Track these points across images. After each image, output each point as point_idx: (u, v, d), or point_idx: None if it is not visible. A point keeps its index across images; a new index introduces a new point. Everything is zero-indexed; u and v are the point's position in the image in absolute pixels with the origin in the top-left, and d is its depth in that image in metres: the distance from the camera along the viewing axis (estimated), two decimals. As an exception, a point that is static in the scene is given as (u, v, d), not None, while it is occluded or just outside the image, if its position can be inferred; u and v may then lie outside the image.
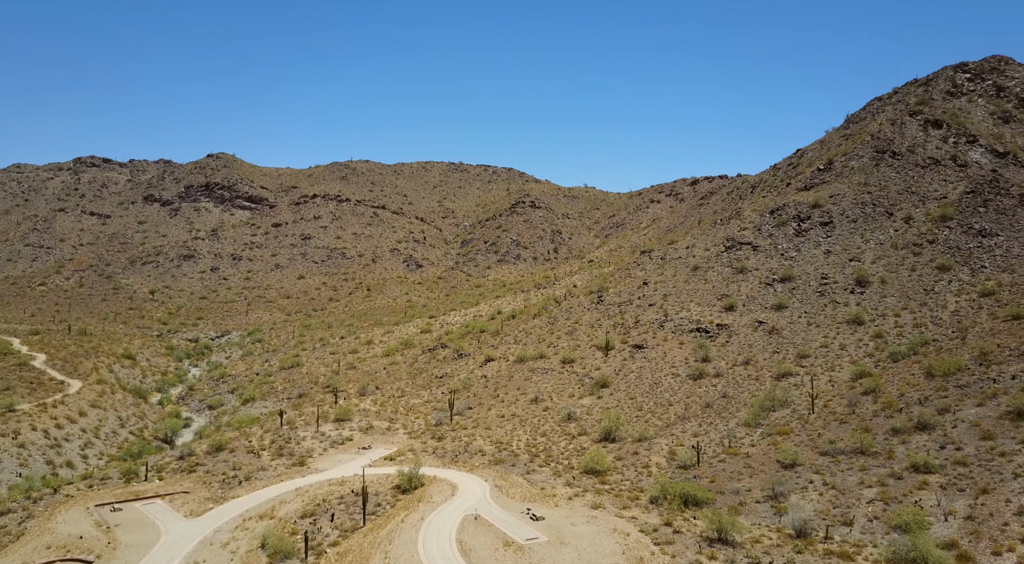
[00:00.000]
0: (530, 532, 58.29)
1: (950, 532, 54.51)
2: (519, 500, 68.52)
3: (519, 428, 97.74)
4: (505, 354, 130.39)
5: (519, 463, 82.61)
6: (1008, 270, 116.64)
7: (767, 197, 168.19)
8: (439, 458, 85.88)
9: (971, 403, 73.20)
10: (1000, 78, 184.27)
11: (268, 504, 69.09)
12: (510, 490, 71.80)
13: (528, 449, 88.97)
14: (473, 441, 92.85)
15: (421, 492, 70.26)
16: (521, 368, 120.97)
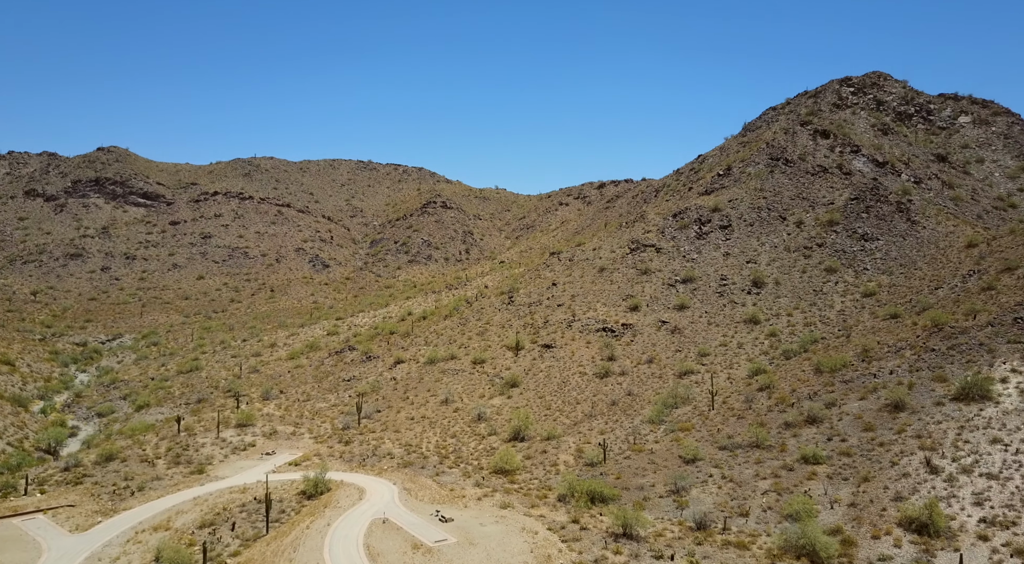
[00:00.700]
0: (439, 534, 58.06)
1: (835, 519, 57.97)
2: (428, 502, 68.14)
3: (429, 430, 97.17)
4: (415, 356, 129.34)
5: (428, 465, 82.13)
6: (887, 272, 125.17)
7: (670, 201, 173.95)
8: (346, 462, 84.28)
9: (855, 397, 78.05)
10: (879, 93, 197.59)
11: (163, 515, 65.92)
12: (419, 492, 71.29)
13: (438, 451, 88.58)
14: (382, 444, 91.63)
15: (327, 497, 68.75)
16: (431, 369, 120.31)
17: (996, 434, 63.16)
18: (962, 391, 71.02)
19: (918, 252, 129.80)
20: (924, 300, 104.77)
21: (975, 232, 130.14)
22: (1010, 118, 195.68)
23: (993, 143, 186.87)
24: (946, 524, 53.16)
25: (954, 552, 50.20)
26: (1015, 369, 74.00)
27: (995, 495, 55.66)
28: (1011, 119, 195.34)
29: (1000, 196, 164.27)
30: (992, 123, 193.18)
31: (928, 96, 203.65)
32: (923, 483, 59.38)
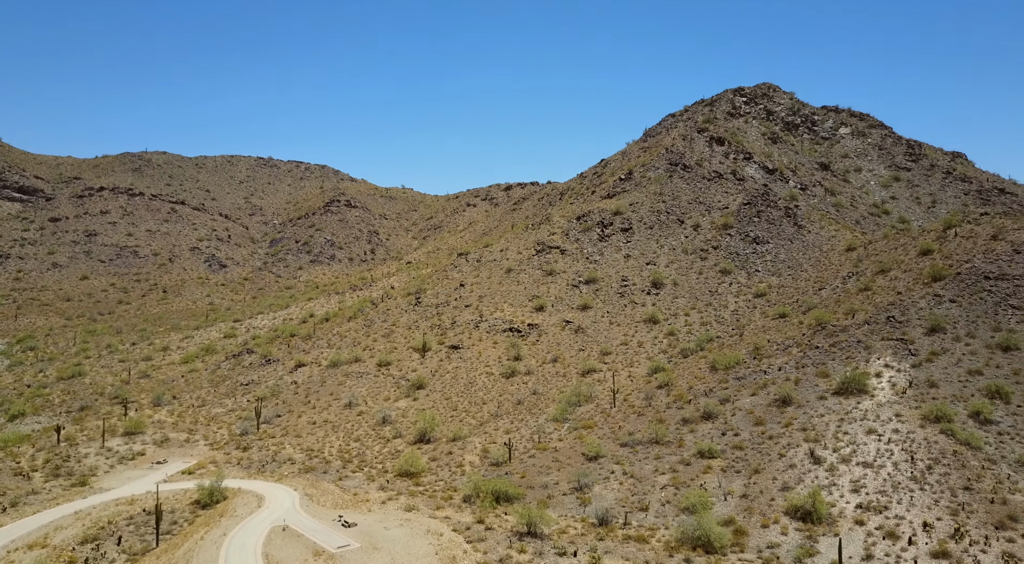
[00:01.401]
0: (342, 539, 56.88)
1: (729, 510, 60.66)
2: (331, 508, 66.64)
3: (332, 434, 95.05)
4: (317, 359, 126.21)
5: (331, 470, 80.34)
6: (776, 274, 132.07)
7: (574, 204, 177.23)
8: (244, 469, 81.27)
9: (747, 393, 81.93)
10: (770, 103, 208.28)
11: (40, 532, 61.52)
12: (321, 498, 69.62)
13: (341, 455, 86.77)
14: (282, 450, 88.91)
15: (223, 506, 66.07)
16: (335, 372, 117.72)
17: (871, 425, 67.76)
18: (842, 386, 75.90)
19: (804, 255, 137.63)
20: (809, 300, 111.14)
21: (854, 236, 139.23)
22: (883, 131, 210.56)
23: (869, 154, 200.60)
24: (827, 511, 56.58)
25: (834, 537, 53.49)
26: (888, 364, 79.67)
27: (870, 482, 59.71)
28: (884, 132, 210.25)
29: (875, 203, 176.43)
30: (868, 135, 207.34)
31: (813, 108, 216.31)
32: (807, 473, 62.99)
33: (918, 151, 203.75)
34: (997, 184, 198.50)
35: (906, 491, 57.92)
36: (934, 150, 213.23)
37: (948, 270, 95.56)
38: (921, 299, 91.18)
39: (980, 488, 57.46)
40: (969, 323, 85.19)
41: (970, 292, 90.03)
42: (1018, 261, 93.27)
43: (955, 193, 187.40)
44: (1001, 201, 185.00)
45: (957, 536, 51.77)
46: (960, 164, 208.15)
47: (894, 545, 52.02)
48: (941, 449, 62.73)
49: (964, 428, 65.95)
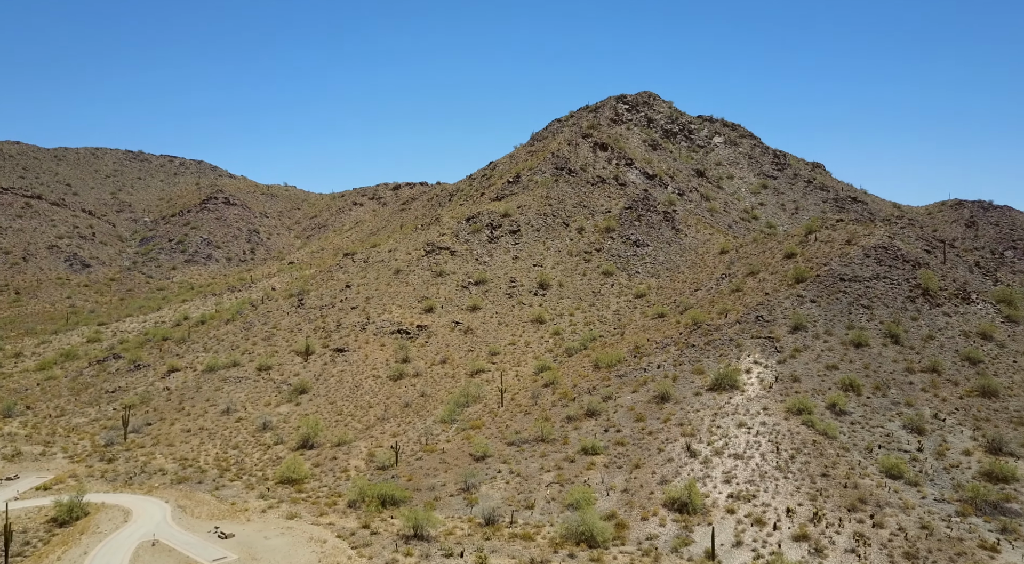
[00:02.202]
0: (218, 552, 54.32)
1: (611, 505, 62.63)
2: (206, 519, 63.48)
3: (207, 442, 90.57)
4: (192, 363, 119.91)
5: (207, 479, 76.54)
6: (655, 275, 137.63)
7: (464, 205, 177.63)
8: (109, 482, 76.01)
9: (628, 390, 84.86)
10: (650, 111, 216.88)
11: None
12: (196, 509, 66.19)
13: (218, 464, 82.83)
14: (152, 460, 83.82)
15: (85, 522, 61.53)
16: (211, 378, 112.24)
17: (742, 419, 71.86)
18: (716, 382, 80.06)
19: (681, 257, 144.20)
20: (686, 301, 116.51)
21: (726, 240, 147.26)
22: (753, 141, 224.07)
23: (740, 162, 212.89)
24: (702, 502, 59.52)
25: (708, 526, 56.35)
26: (756, 361, 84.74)
27: (740, 473, 63.31)
28: (754, 141, 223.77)
29: (746, 209, 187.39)
30: (739, 144, 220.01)
31: (690, 117, 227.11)
32: (684, 466, 66.00)
33: (783, 161, 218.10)
34: (851, 193, 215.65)
35: (772, 480, 61.79)
36: (797, 160, 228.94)
37: (809, 272, 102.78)
38: (786, 299, 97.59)
39: (835, 474, 62.18)
40: (827, 321, 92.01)
41: (828, 293, 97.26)
42: (868, 264, 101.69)
43: (815, 201, 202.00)
44: (854, 209, 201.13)
45: (815, 520, 55.79)
46: (819, 174, 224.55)
47: (761, 531, 55.39)
48: (803, 439, 67.38)
49: (822, 419, 71.16)
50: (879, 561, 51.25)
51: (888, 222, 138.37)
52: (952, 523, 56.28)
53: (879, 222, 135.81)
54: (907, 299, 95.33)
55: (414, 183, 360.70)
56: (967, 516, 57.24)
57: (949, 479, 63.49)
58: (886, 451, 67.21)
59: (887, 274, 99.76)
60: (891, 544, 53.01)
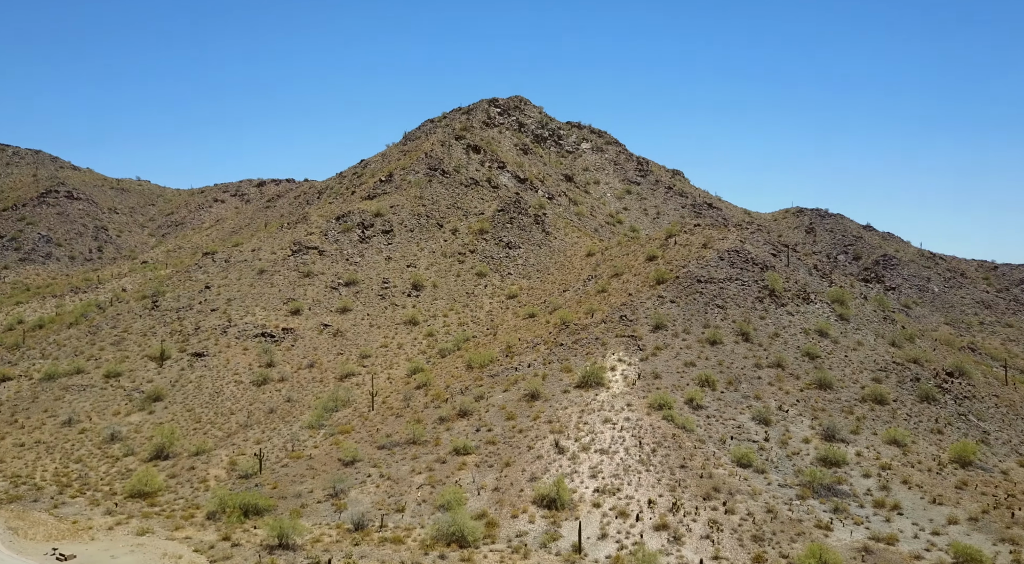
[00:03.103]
0: (57, 577, 49.92)
1: (481, 504, 63.15)
2: (43, 540, 58.18)
3: (45, 456, 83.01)
4: (28, 371, 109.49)
5: (44, 497, 70.15)
6: (527, 277, 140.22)
7: (334, 204, 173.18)
8: (-75, 507, 67.94)
9: (499, 389, 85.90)
10: (521, 116, 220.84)
11: None
12: (30, 530, 60.49)
13: (57, 479, 76.08)
14: (-21, 480, 75.73)
15: None
16: (51, 386, 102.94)
17: (607, 415, 74.58)
18: (583, 380, 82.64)
19: (551, 259, 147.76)
20: (555, 301, 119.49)
21: (593, 243, 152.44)
22: (618, 148, 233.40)
23: (606, 168, 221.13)
24: (570, 497, 61.24)
25: (575, 521, 58.07)
26: (621, 359, 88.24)
27: (605, 467, 65.70)
28: (619, 148, 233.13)
29: (611, 213, 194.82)
30: (605, 151, 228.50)
31: (559, 122, 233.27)
32: (553, 463, 67.63)
33: (646, 167, 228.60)
34: (707, 200, 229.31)
35: (635, 473, 64.56)
36: (659, 167, 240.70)
37: (669, 274, 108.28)
38: (648, 300, 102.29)
39: (692, 465, 65.88)
40: (685, 321, 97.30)
41: (686, 293, 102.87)
42: (722, 266, 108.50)
43: (675, 206, 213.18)
44: (710, 214, 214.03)
45: (674, 509, 58.87)
46: (679, 181, 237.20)
47: (625, 523, 57.74)
48: (663, 433, 70.87)
49: (681, 413, 75.17)
50: (730, 545, 54.78)
51: (740, 227, 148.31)
52: (793, 506, 61.11)
53: (732, 227, 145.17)
54: (756, 299, 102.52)
55: (280, 180, 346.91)
56: (806, 499, 62.35)
57: (791, 466, 68.88)
58: (737, 442, 71.98)
59: (739, 276, 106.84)
60: (741, 528, 56.81)
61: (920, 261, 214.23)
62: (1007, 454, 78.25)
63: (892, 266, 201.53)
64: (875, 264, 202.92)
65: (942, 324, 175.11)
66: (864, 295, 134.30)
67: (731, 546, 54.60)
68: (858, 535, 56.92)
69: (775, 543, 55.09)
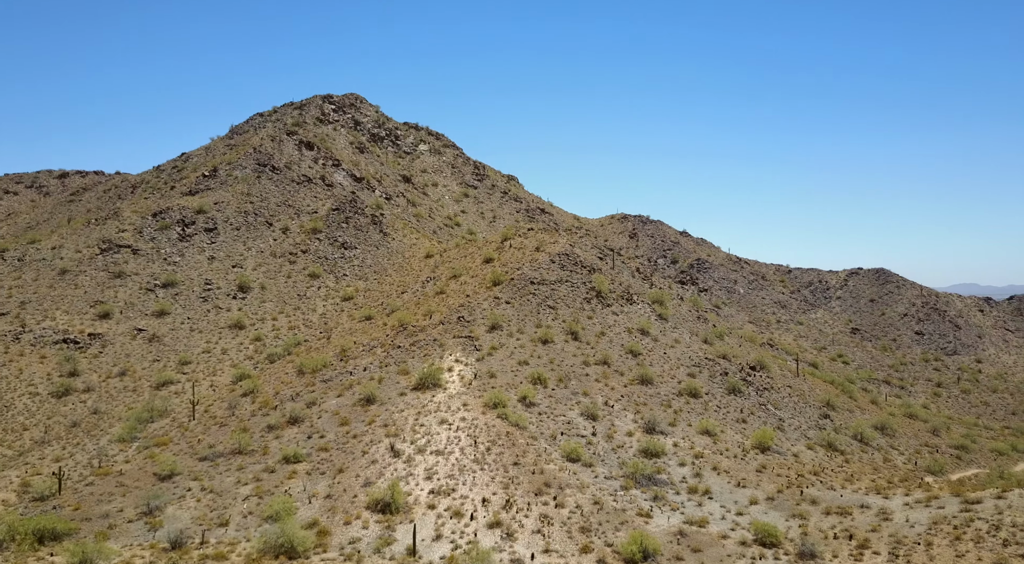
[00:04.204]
0: None
1: (313, 513, 61.08)
2: None
3: None
4: None
5: None
6: (363, 278, 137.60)
7: (150, 199, 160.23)
8: None
9: (333, 394, 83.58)
10: (357, 114, 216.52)
11: None
12: None
13: None
14: None
15: None
16: None
17: (443, 416, 74.90)
18: (420, 381, 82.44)
19: (388, 260, 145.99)
20: (393, 303, 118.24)
21: (432, 245, 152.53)
22: (455, 151, 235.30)
23: (444, 170, 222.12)
24: (404, 500, 60.81)
25: (410, 524, 57.76)
26: (458, 359, 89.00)
27: (441, 468, 65.95)
28: (456, 152, 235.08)
29: (449, 215, 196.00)
30: (443, 153, 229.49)
31: (396, 122, 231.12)
32: (388, 467, 66.84)
33: (482, 172, 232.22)
34: (540, 205, 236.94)
35: (470, 472, 65.33)
36: (495, 172, 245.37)
37: (505, 276, 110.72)
38: (485, 301, 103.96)
39: (525, 462, 67.77)
40: (519, 321, 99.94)
41: (520, 295, 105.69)
42: (553, 269, 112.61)
43: (510, 210, 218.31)
44: (543, 219, 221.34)
45: (508, 506, 60.25)
46: (514, 186, 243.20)
47: (459, 522, 58.26)
48: (498, 431, 72.30)
49: (515, 411, 77.08)
50: (560, 537, 56.95)
51: (570, 232, 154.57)
52: (618, 497, 64.63)
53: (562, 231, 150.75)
54: (584, 300, 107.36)
55: (87, 171, 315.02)
56: (629, 489, 66.18)
57: (616, 458, 72.82)
58: (567, 437, 74.98)
59: (569, 278, 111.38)
60: (570, 521, 59.22)
61: (728, 265, 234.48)
62: (798, 439, 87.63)
63: (705, 269, 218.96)
64: (690, 267, 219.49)
65: (746, 322, 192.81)
66: (680, 296, 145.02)
67: (561, 539, 56.76)
68: (675, 520, 61.26)
69: (601, 533, 57.96)
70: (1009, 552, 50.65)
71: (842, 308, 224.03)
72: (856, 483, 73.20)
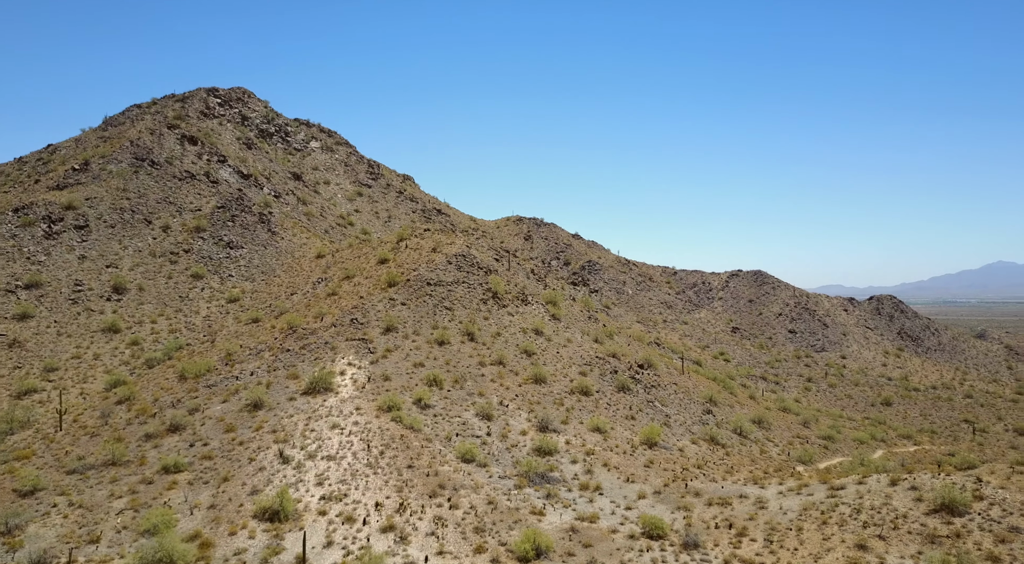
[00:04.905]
0: None
1: (195, 524, 58.22)
2: None
3: None
4: None
5: None
6: (250, 279, 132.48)
7: (11, 193, 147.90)
8: None
9: (218, 400, 80.00)
10: (244, 109, 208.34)
11: None
12: None
13: None
14: None
15: None
16: None
17: (335, 420, 73.26)
18: (311, 386, 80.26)
19: (277, 261, 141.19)
20: (282, 305, 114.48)
21: (323, 244, 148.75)
22: (348, 149, 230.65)
23: (336, 168, 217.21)
24: (294, 508, 59.04)
25: (299, 531, 56.12)
26: (351, 362, 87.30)
27: (332, 473, 64.47)
28: (349, 149, 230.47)
29: (342, 214, 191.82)
30: (336, 151, 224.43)
31: (287, 118, 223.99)
32: (276, 474, 64.66)
33: (377, 171, 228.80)
34: (436, 205, 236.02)
35: (363, 477, 64.22)
36: (390, 171, 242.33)
37: (400, 277, 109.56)
38: (379, 302, 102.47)
39: (419, 465, 67.32)
40: (415, 322, 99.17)
41: (417, 296, 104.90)
42: (450, 270, 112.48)
43: (406, 210, 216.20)
44: (439, 220, 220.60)
45: (401, 510, 59.66)
46: (409, 186, 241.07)
47: (351, 528, 57.15)
48: (392, 435, 71.45)
49: (410, 414, 76.45)
50: (454, 539, 56.93)
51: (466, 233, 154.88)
52: (512, 496, 65.31)
53: (459, 233, 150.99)
54: (481, 301, 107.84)
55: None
56: (522, 488, 67.02)
57: (510, 457, 73.56)
58: (462, 438, 75.06)
59: (465, 279, 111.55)
60: (464, 522, 59.31)
61: (618, 267, 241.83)
62: (683, 434, 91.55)
63: (596, 271, 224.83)
64: (582, 269, 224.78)
65: (635, 322, 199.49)
66: (573, 297, 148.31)
67: (455, 540, 56.74)
68: (567, 517, 62.55)
69: (495, 532, 58.37)
70: (868, 533, 54.92)
71: (723, 308, 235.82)
72: (736, 474, 77.25)
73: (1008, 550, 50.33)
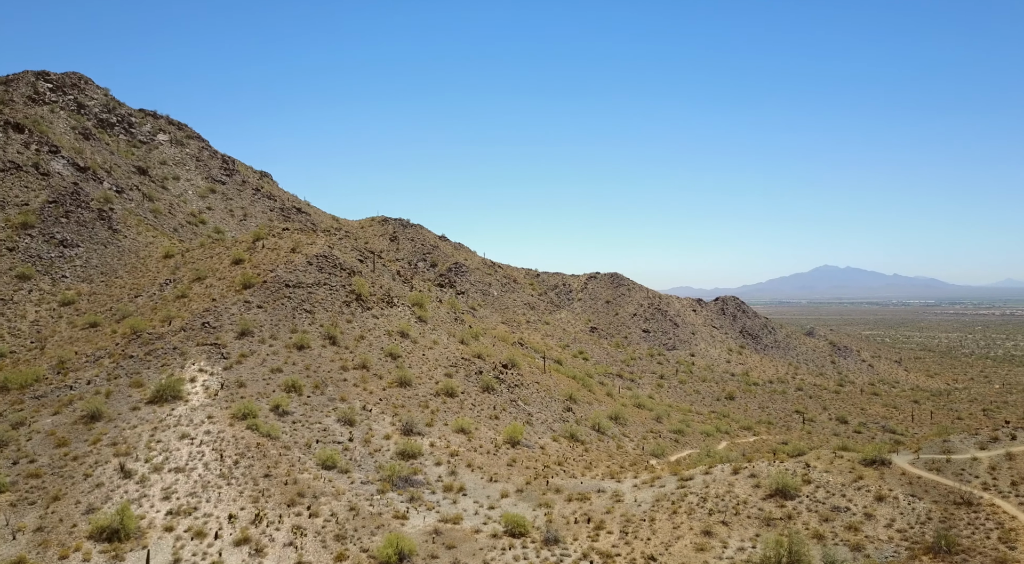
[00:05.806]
0: None
1: (18, 550, 52.83)
2: None
3: None
4: None
5: None
6: (88, 280, 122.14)
7: None
8: None
9: (48, 412, 73.11)
10: (81, 95, 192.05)
11: None
12: None
13: None
14: None
15: None
16: None
17: (185, 430, 69.05)
18: (157, 394, 75.15)
19: (119, 261, 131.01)
20: (124, 308, 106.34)
21: (172, 244, 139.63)
22: (201, 143, 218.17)
23: (187, 163, 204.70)
24: (136, 525, 55.05)
25: (142, 550, 52.42)
26: (202, 369, 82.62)
27: (181, 487, 60.72)
28: (202, 144, 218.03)
29: (193, 212, 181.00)
30: (187, 145, 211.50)
31: (130, 108, 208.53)
32: (116, 489, 60.03)
33: (232, 167, 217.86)
34: (296, 204, 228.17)
35: (215, 489, 60.95)
36: (246, 167, 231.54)
37: (257, 278, 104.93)
38: (233, 305, 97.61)
39: (277, 473, 64.81)
40: (273, 326, 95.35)
41: (274, 298, 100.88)
42: (310, 271, 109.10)
43: (263, 209, 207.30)
44: (299, 219, 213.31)
45: (257, 521, 57.16)
46: (267, 183, 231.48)
47: (202, 543, 54.08)
48: (247, 443, 68.29)
49: (267, 421, 73.41)
50: (313, 548, 55.29)
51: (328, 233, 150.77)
52: (374, 501, 64.33)
53: (321, 232, 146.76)
54: (344, 304, 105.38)
55: None
56: (386, 492, 66.19)
57: (373, 462, 72.41)
58: (323, 445, 73.01)
59: (327, 281, 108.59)
60: (324, 530, 57.76)
61: (484, 268, 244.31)
62: (544, 431, 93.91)
63: (462, 272, 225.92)
64: (449, 270, 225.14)
65: (500, 323, 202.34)
66: (439, 298, 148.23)
67: (315, 549, 55.11)
68: (430, 519, 62.40)
69: (357, 539, 57.27)
70: (714, 520, 58.83)
71: (583, 309, 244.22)
72: (594, 470, 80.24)
73: (831, 528, 55.61)
